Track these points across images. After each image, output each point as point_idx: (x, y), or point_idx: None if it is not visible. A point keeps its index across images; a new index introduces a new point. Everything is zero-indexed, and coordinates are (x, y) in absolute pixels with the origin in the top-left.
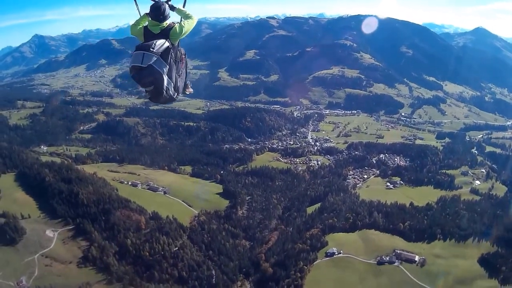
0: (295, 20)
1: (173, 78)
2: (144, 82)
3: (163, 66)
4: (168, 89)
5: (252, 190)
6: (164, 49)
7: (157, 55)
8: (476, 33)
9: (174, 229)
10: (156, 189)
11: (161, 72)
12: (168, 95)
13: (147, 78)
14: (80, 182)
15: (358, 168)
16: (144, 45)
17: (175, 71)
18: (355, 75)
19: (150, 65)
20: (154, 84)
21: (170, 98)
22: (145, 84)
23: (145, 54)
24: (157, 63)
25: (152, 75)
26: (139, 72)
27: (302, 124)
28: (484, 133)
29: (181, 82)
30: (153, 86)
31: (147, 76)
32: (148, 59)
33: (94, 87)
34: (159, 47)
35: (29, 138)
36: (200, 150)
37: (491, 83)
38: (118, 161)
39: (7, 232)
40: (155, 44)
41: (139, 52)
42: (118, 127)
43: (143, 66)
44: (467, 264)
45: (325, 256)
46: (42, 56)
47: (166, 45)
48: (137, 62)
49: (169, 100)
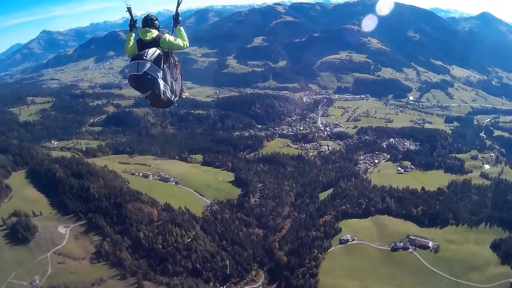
0: (301, 6)
1: (169, 82)
2: (142, 88)
3: (157, 71)
4: (165, 92)
5: (264, 177)
6: (156, 56)
7: (150, 62)
8: (481, 18)
9: (186, 220)
10: (168, 179)
11: (156, 76)
12: (166, 97)
13: (144, 83)
14: (91, 176)
15: (369, 152)
16: (137, 55)
17: (169, 76)
18: (363, 59)
19: (145, 72)
20: (151, 89)
21: (169, 101)
22: (143, 89)
23: (140, 63)
24: (151, 69)
25: (148, 80)
26: (136, 79)
27: (311, 109)
28: (492, 117)
29: (177, 86)
30: (150, 90)
31: (144, 82)
32: (142, 66)
33: (103, 79)
34: (151, 55)
35: (40, 134)
36: (210, 138)
37: (497, 67)
38: (128, 153)
39: (19, 231)
40: (147, 52)
41: (134, 62)
42: (128, 118)
43: (139, 74)
44: (479, 250)
45: (339, 243)
46: (51, 51)
47: (157, 52)
48: (133, 71)
49: (168, 103)
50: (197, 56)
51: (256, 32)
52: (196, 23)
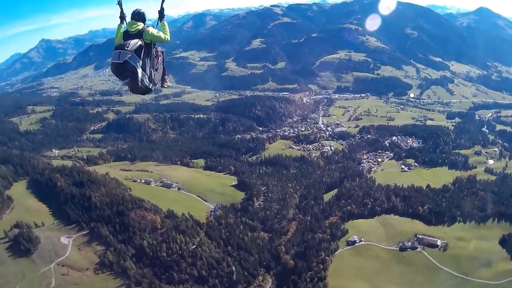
0: (298, 7)
1: (148, 71)
2: (122, 75)
3: (137, 61)
4: (143, 80)
5: (267, 180)
6: (137, 47)
7: (131, 52)
8: (479, 13)
9: (190, 226)
10: (170, 185)
11: (135, 65)
12: (144, 85)
13: (124, 71)
14: (92, 184)
15: (372, 151)
16: (120, 45)
17: (149, 66)
18: (362, 58)
19: (126, 61)
20: (130, 76)
21: (146, 89)
22: (123, 77)
23: (121, 52)
24: (131, 59)
25: (128, 69)
26: (117, 67)
27: (312, 109)
28: (493, 112)
29: (158, 75)
30: (129, 78)
31: (124, 70)
32: (123, 55)
33: (103, 86)
34: (133, 46)
35: (41, 143)
36: (212, 142)
37: (496, 61)
38: (130, 159)
39: (21, 243)
40: (129, 43)
41: (116, 51)
42: (128, 125)
43: (119, 62)
44: (488, 246)
45: (346, 244)
46: (50, 60)
47: (139, 43)
48: (115, 59)
49: (145, 90)
50: (195, 60)
51: (254, 35)
52: (194, 27)
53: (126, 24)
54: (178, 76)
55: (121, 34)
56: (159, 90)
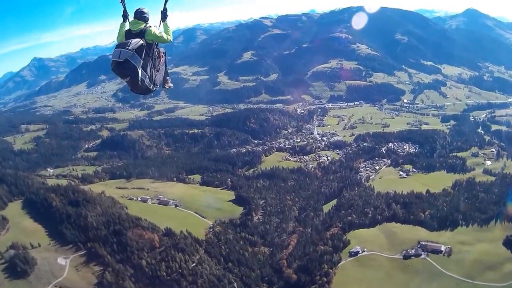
0: (288, 18)
1: (149, 71)
2: (121, 74)
3: (138, 61)
4: (144, 80)
5: (265, 193)
6: (138, 46)
7: (132, 51)
8: (467, 14)
9: (189, 244)
10: (167, 202)
11: (136, 65)
12: (144, 85)
13: (123, 70)
14: (88, 204)
15: (369, 159)
16: (121, 44)
17: (150, 66)
18: (354, 66)
19: (126, 59)
20: (130, 76)
21: (147, 89)
22: (122, 75)
23: (122, 51)
24: (132, 58)
25: (128, 68)
26: (117, 66)
27: (306, 120)
28: (488, 112)
29: (159, 76)
30: (129, 77)
31: (124, 69)
32: (124, 54)
33: (96, 103)
34: (134, 45)
35: (35, 162)
36: (207, 157)
37: (487, 62)
38: (125, 177)
39: (17, 264)
40: (130, 42)
41: (117, 49)
42: (122, 142)
43: (120, 61)
44: (493, 248)
45: (349, 256)
46: (42, 78)
47: (140, 43)
48: (115, 57)
49: (146, 90)
50: (188, 75)
51: (245, 47)
52: (184, 42)
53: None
54: (170, 91)
55: (123, 33)
56: (151, 106)
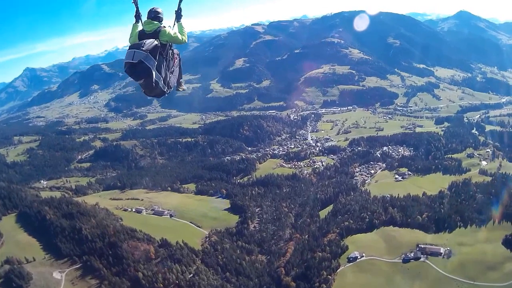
0: (280, 24)
1: (163, 73)
2: (135, 76)
3: (152, 62)
4: (158, 82)
5: (261, 201)
6: (153, 47)
7: (146, 52)
8: (459, 17)
9: (186, 254)
10: (162, 213)
11: (150, 67)
12: (158, 88)
13: (137, 72)
14: (82, 216)
15: (364, 163)
16: (135, 44)
17: (165, 67)
18: (346, 71)
19: (140, 61)
20: (143, 78)
21: (161, 91)
22: (136, 77)
23: (136, 52)
24: (146, 59)
25: (142, 70)
26: (131, 67)
27: (300, 126)
28: (481, 113)
29: (173, 78)
30: (143, 79)
31: (138, 70)
32: (138, 55)
33: (89, 113)
34: (149, 45)
35: (28, 174)
36: (201, 165)
37: (480, 63)
38: (119, 188)
39: (12, 280)
40: (144, 43)
41: (131, 50)
42: (116, 152)
43: (134, 62)
44: (492, 248)
45: (347, 261)
46: (35, 89)
47: (155, 43)
48: (129, 58)
49: (160, 93)
50: None
51: (237, 54)
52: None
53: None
54: (163, 100)
55: (136, 34)
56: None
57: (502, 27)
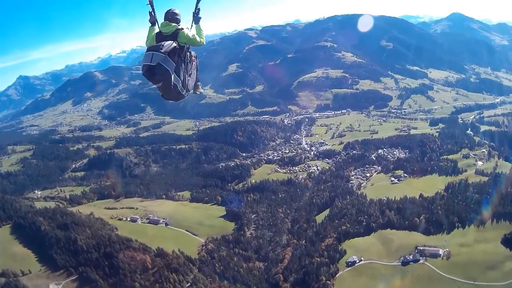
0: (273, 28)
1: (181, 76)
2: (153, 79)
3: (170, 65)
4: (176, 85)
5: (256, 207)
6: (171, 49)
7: (164, 55)
8: (452, 18)
9: (182, 263)
10: (157, 221)
11: (168, 69)
12: (176, 91)
13: (156, 75)
14: (77, 226)
15: (359, 167)
16: (153, 47)
17: (183, 70)
18: (340, 74)
19: (159, 63)
20: (162, 81)
21: (179, 94)
22: (154, 80)
23: (154, 54)
24: (165, 62)
25: (160, 72)
26: (149, 70)
27: (294, 130)
28: (476, 113)
29: (191, 81)
30: (161, 82)
31: (156, 73)
32: (156, 58)
33: (82, 121)
34: (167, 48)
35: (23, 184)
36: (196, 172)
37: (473, 64)
38: (114, 197)
39: None
40: (163, 45)
41: (149, 52)
42: (110, 160)
43: (152, 64)
44: (491, 247)
45: (346, 266)
46: (28, 97)
47: (173, 45)
48: (147, 61)
49: (178, 96)
50: None
51: (230, 60)
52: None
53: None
54: (156, 107)
55: (153, 36)
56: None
57: (495, 28)
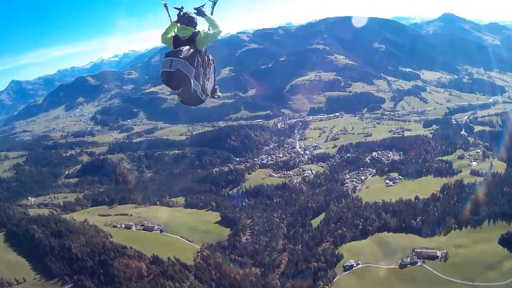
0: (265, 32)
1: (201, 81)
2: (173, 85)
3: (190, 70)
4: (196, 91)
5: (251, 212)
6: (190, 54)
7: (184, 60)
8: (444, 19)
9: (178, 270)
10: (152, 228)
11: (188, 75)
12: (197, 96)
13: (175, 81)
14: (71, 234)
15: (354, 170)
16: (172, 52)
17: (202, 75)
18: (332, 77)
19: (178, 69)
20: (182, 86)
21: (199, 100)
22: (174, 87)
23: (173, 60)
24: (184, 67)
25: (180, 78)
26: (168, 76)
27: (288, 134)
28: (469, 114)
29: (210, 85)
30: (181, 88)
31: (176, 79)
32: (176, 64)
33: (75, 127)
34: (186, 53)
35: (16, 191)
36: (190, 178)
37: (466, 64)
38: (108, 203)
39: None
40: (181, 50)
41: (168, 58)
42: (103, 166)
43: (171, 71)
44: (489, 248)
45: (343, 270)
46: (21, 102)
47: (192, 50)
48: (166, 67)
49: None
50: (165, 94)
51: (223, 63)
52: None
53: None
54: (149, 112)
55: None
56: (131, 127)
57: (486, 28)
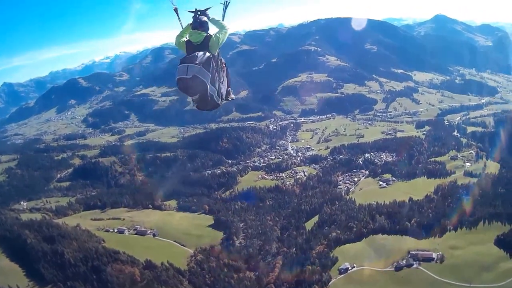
0: (256, 33)
1: (216, 86)
2: (190, 92)
3: (206, 76)
4: (213, 96)
5: (245, 215)
6: (205, 60)
7: (199, 66)
8: (436, 20)
9: (172, 276)
10: (144, 232)
11: (205, 81)
12: (213, 101)
13: (192, 87)
14: (63, 239)
15: (347, 172)
16: (187, 58)
17: (217, 79)
18: (324, 79)
19: (194, 75)
20: (199, 93)
21: (215, 105)
22: (191, 93)
23: (189, 66)
24: (201, 73)
25: (197, 85)
26: (185, 83)
27: (279, 136)
28: (462, 115)
29: (224, 89)
30: (198, 94)
31: (192, 86)
32: (192, 70)
33: (67, 130)
34: (201, 58)
35: (8, 195)
36: (182, 181)
37: (458, 65)
38: (100, 207)
39: None
40: (197, 56)
41: (183, 65)
42: (95, 170)
43: (188, 77)
44: (485, 249)
45: (338, 273)
46: (13, 105)
47: (207, 55)
48: (183, 74)
49: (214, 106)
50: (157, 96)
51: None
52: (153, 62)
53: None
54: (140, 114)
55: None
56: (122, 130)
57: (478, 29)
